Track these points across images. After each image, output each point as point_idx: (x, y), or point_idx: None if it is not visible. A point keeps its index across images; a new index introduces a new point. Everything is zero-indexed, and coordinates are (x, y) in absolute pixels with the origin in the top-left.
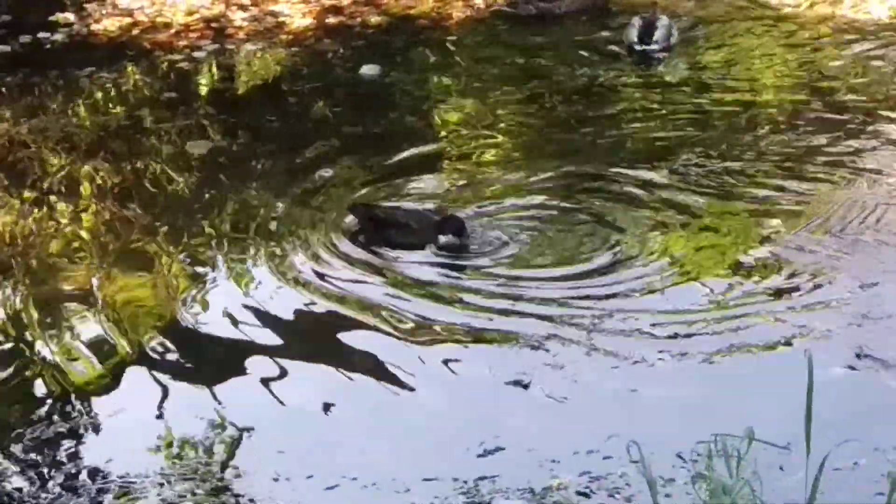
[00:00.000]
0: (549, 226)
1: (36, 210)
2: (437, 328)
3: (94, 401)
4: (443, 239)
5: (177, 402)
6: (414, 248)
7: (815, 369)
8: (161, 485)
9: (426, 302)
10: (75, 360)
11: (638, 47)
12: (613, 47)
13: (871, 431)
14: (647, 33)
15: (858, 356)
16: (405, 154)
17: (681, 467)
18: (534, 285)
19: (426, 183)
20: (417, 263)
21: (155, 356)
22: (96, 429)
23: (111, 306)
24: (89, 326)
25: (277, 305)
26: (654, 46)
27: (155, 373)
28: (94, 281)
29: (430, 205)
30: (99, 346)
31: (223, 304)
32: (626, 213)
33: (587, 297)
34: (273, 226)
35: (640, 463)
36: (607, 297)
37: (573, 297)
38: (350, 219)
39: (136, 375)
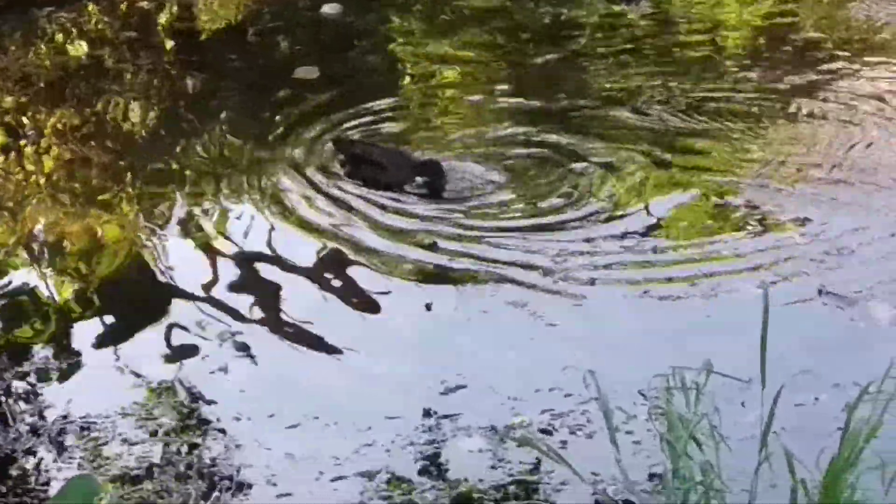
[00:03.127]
0: (511, 167)
1: None
2: (399, 269)
3: (56, 343)
4: (419, 180)
5: (138, 344)
6: (388, 188)
7: (777, 306)
8: (122, 425)
9: (388, 242)
10: (37, 301)
11: None
12: None
13: (832, 367)
14: None
15: (820, 292)
16: (367, 94)
17: (642, 404)
18: (497, 226)
19: (388, 124)
20: (387, 202)
21: (118, 297)
22: (57, 371)
23: (74, 248)
24: (51, 268)
25: (241, 244)
26: None
27: (118, 314)
28: (56, 222)
29: (394, 145)
30: (61, 288)
31: (188, 245)
32: (589, 152)
33: (549, 237)
34: (237, 165)
35: (596, 391)
36: (569, 236)
37: (535, 237)
38: (326, 154)
39: (98, 317)
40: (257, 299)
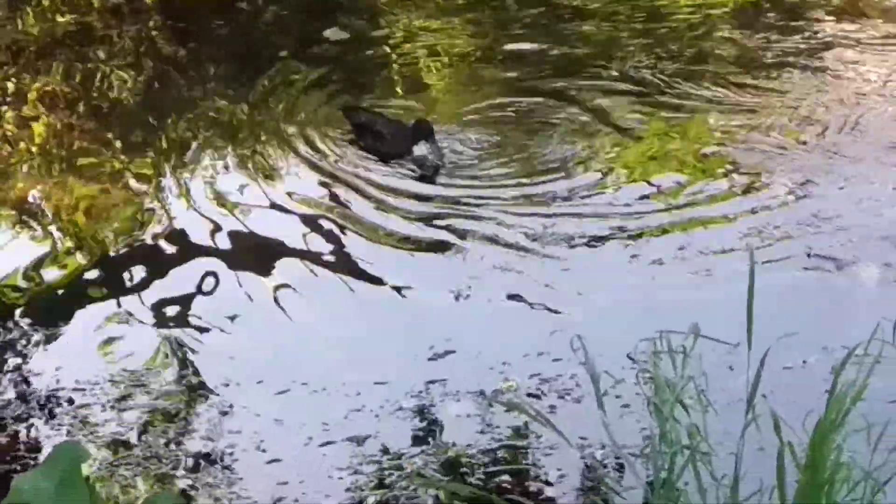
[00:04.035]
0: (499, 131)
1: None
2: (389, 234)
3: (45, 311)
4: (417, 150)
5: (128, 310)
6: (387, 158)
7: (765, 269)
8: (111, 391)
9: (379, 207)
10: (26, 268)
11: None
12: None
13: (820, 330)
14: None
15: (808, 255)
16: (355, 62)
17: (630, 368)
18: (485, 191)
19: (376, 92)
20: (381, 169)
21: (107, 265)
22: (47, 338)
23: (63, 216)
24: (41, 237)
25: (230, 210)
26: None
27: (107, 282)
28: (46, 191)
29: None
30: (50, 257)
31: (178, 211)
32: (577, 117)
33: (538, 202)
34: (227, 131)
35: (583, 355)
36: (558, 201)
37: (524, 202)
38: (316, 121)
39: (87, 285)
40: (247, 267)
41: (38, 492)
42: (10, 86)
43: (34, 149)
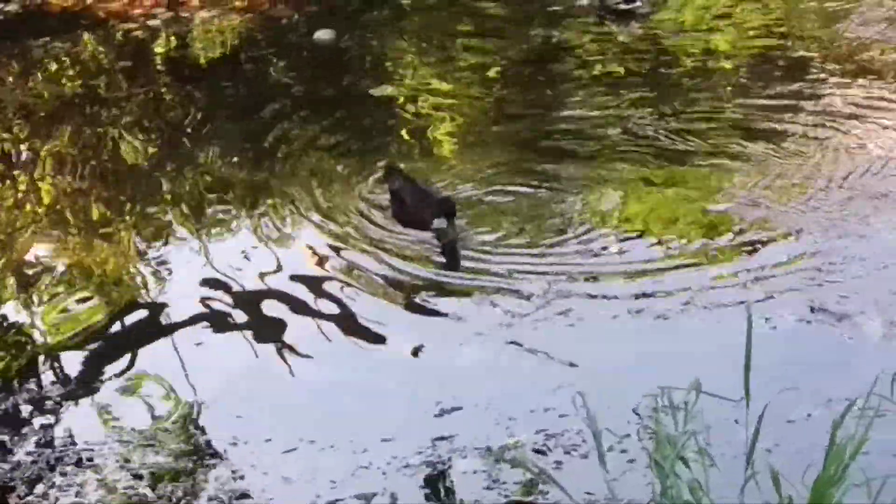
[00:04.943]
0: (504, 188)
1: None
2: (394, 293)
3: (54, 370)
4: (436, 223)
5: (137, 370)
6: (408, 225)
7: (770, 323)
8: (121, 452)
9: (384, 266)
10: (35, 330)
11: (624, 6)
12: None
13: (825, 384)
14: None
15: (812, 310)
16: (360, 121)
17: (635, 423)
18: (491, 247)
19: (382, 152)
20: (386, 229)
21: (116, 325)
22: (57, 398)
23: (73, 276)
24: (50, 298)
25: (240, 271)
26: (637, 4)
27: (115, 341)
28: (55, 252)
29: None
30: (59, 317)
31: (186, 271)
32: (581, 173)
33: (543, 257)
34: (233, 191)
35: (585, 413)
36: (563, 256)
37: (529, 258)
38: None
39: (96, 344)
40: (253, 327)
41: None
42: (21, 148)
43: (43, 210)
